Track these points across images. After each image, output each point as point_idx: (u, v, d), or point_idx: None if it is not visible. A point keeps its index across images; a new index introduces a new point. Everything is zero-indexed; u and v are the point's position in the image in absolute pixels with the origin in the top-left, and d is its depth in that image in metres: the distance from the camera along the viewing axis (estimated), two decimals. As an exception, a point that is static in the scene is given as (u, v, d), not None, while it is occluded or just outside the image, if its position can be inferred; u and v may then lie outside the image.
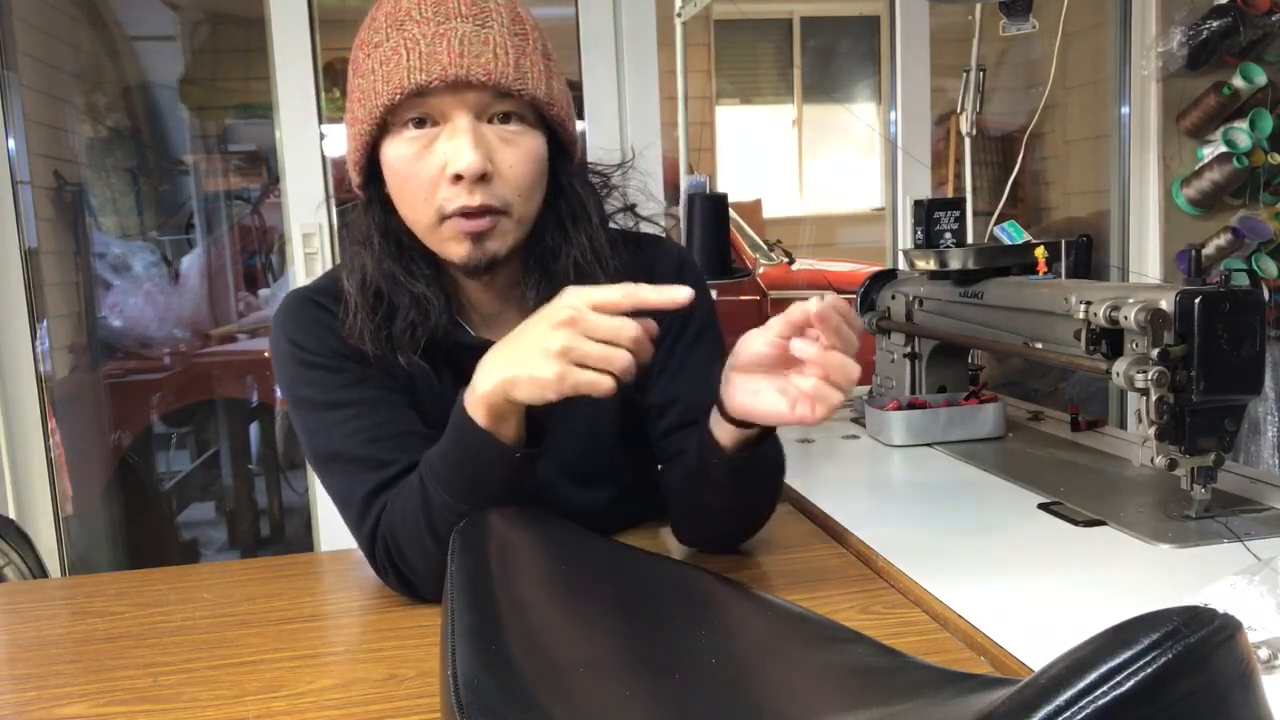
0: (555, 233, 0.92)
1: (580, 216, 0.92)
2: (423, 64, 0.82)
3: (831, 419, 1.51)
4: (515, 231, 0.88)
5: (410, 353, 0.89)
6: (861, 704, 0.48)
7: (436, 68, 0.81)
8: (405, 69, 0.82)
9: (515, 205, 0.87)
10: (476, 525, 0.76)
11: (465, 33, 0.83)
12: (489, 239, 0.86)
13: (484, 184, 0.84)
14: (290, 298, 0.96)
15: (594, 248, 0.92)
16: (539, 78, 0.86)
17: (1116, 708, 0.31)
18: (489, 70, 0.82)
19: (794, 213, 5.35)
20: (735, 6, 2.53)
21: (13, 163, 2.15)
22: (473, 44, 0.83)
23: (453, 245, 0.87)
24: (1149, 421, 0.95)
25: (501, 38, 0.84)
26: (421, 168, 0.84)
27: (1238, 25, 2.40)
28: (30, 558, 1.52)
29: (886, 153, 2.51)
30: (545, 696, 0.49)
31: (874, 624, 0.79)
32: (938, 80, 2.42)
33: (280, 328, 0.94)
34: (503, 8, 0.86)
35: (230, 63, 3.61)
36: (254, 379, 3.19)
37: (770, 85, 5.49)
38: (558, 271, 0.91)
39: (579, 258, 0.91)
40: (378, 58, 0.84)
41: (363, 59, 0.86)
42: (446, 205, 0.84)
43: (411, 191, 0.86)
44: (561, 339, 0.74)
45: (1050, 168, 3.38)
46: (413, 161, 0.85)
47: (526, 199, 0.88)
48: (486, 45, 0.83)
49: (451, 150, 0.83)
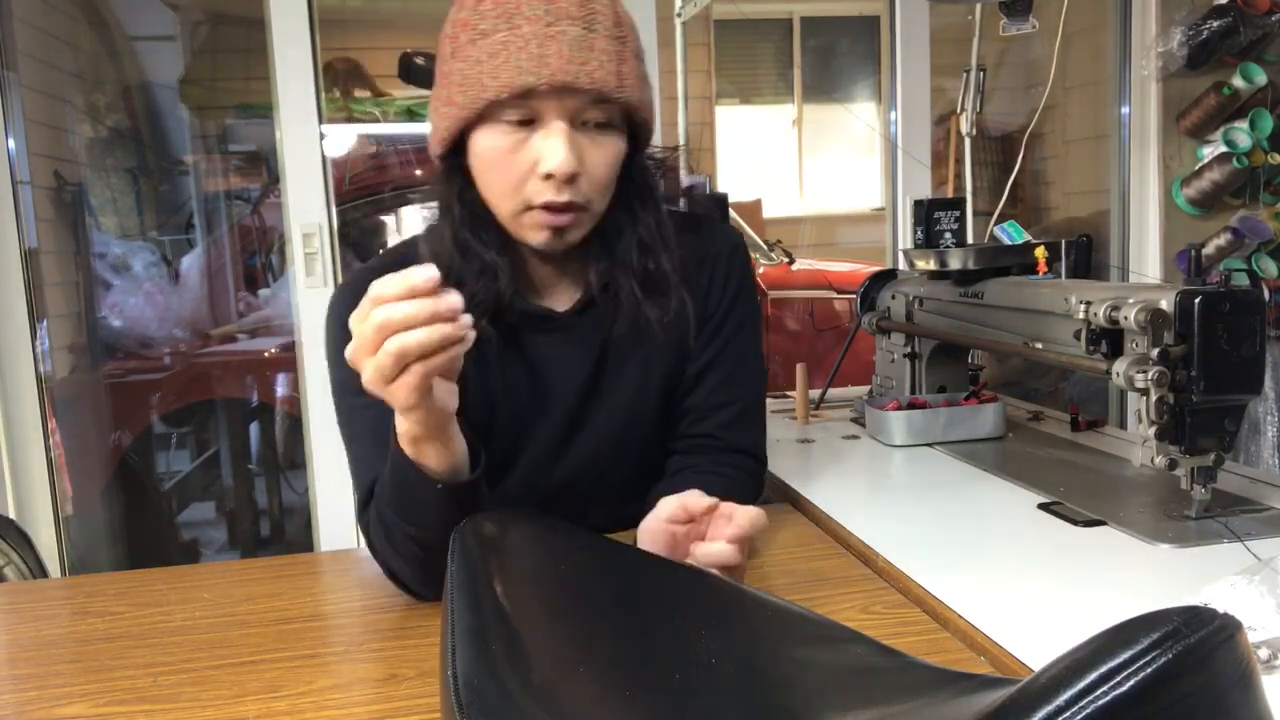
0: (623, 214, 0.96)
1: (646, 199, 0.97)
2: (532, 66, 0.83)
3: (832, 419, 1.52)
4: (590, 223, 0.93)
5: (478, 316, 0.92)
6: (861, 704, 0.48)
7: (546, 72, 0.83)
8: (515, 68, 0.83)
9: (595, 201, 0.91)
10: (476, 525, 0.76)
11: (574, 36, 0.84)
12: (568, 231, 0.91)
13: (571, 183, 0.87)
14: (347, 281, 0.99)
15: (658, 226, 0.96)
16: (635, 84, 0.89)
17: (1116, 708, 0.31)
18: (594, 78, 0.85)
19: (794, 213, 5.35)
20: (735, 6, 2.53)
21: (13, 163, 2.15)
22: (580, 50, 0.84)
23: (532, 233, 0.91)
24: (1149, 421, 0.95)
25: (605, 43, 0.86)
26: (514, 160, 0.87)
27: (1238, 25, 2.40)
28: (30, 558, 1.52)
29: (886, 153, 2.51)
30: (545, 696, 0.49)
31: (874, 624, 0.79)
32: (938, 80, 2.42)
33: (333, 311, 0.97)
34: (607, 9, 0.88)
35: (230, 63, 3.61)
36: (254, 379, 3.18)
37: (770, 85, 5.49)
38: (621, 248, 0.96)
39: (643, 235, 0.95)
40: (485, 48, 0.85)
41: (466, 42, 0.87)
42: (534, 198, 0.88)
43: (500, 180, 0.89)
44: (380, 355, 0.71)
45: (1050, 168, 3.38)
46: (506, 154, 0.87)
47: (604, 195, 0.92)
48: (592, 51, 0.85)
49: (547, 150, 0.86)
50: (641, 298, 0.95)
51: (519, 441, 1.00)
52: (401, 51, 3.21)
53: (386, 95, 3.39)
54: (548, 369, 0.99)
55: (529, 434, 1.00)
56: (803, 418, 1.60)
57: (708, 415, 1.02)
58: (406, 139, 3.34)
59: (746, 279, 1.05)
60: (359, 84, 3.51)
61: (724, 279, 1.03)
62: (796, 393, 1.61)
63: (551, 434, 1.00)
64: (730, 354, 1.03)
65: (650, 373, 1.01)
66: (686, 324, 0.99)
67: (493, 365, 0.98)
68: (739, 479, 1.00)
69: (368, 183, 3.31)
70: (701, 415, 1.03)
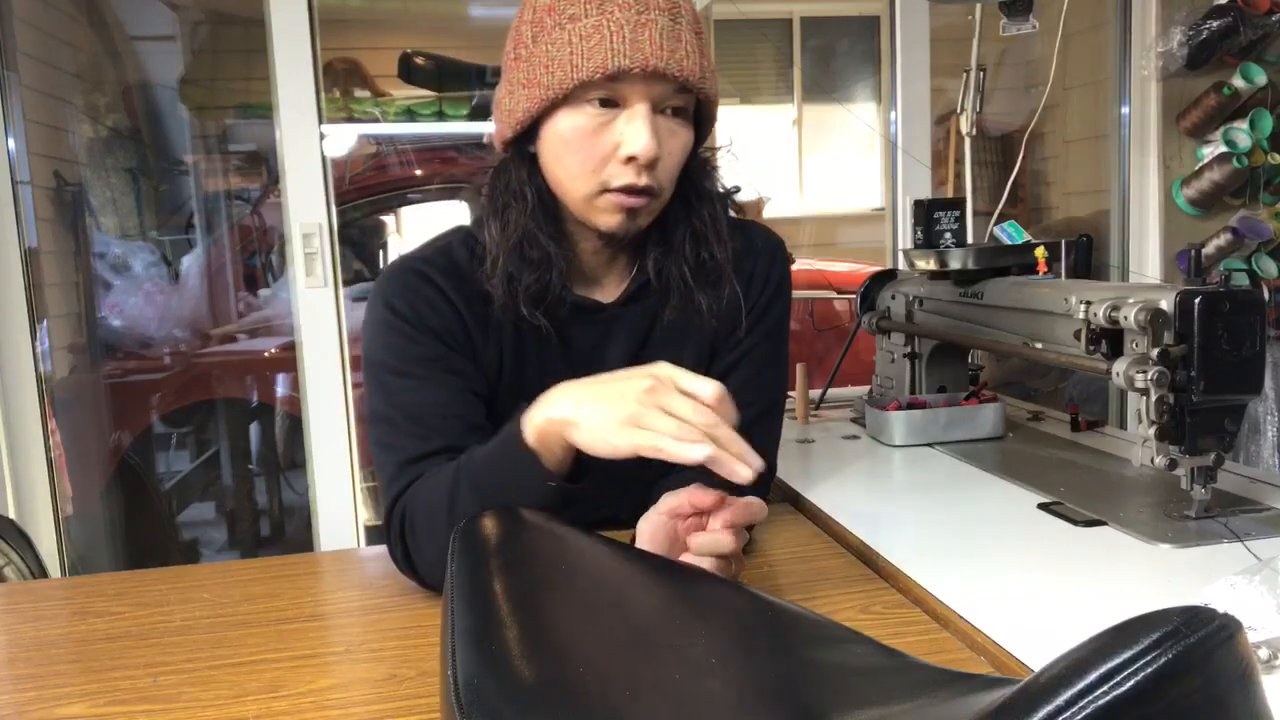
0: (679, 205, 0.97)
1: (703, 193, 0.98)
2: (627, 49, 0.85)
3: (832, 419, 1.52)
4: (659, 209, 0.95)
5: (531, 306, 0.94)
6: (862, 704, 0.48)
7: (640, 55, 0.85)
8: (609, 50, 0.85)
9: (665, 189, 0.93)
10: (476, 525, 0.76)
11: (664, 26, 0.87)
12: (640, 215, 0.93)
13: (651, 168, 0.89)
14: (395, 265, 1.00)
15: (713, 220, 0.98)
16: (711, 77, 0.92)
17: (1116, 708, 0.31)
18: (682, 66, 0.87)
19: (794, 213, 5.34)
20: (735, 6, 2.52)
21: (13, 163, 2.15)
22: (669, 38, 0.87)
23: (605, 216, 0.92)
24: (1149, 421, 0.95)
25: (689, 35, 0.89)
26: (596, 143, 0.89)
27: (1238, 25, 2.40)
28: (30, 558, 1.52)
29: (886, 153, 2.51)
30: (545, 696, 0.49)
31: (874, 624, 0.79)
32: (938, 80, 2.42)
33: (380, 293, 0.97)
34: (689, 4, 0.91)
35: (230, 63, 3.61)
36: (254, 379, 3.18)
37: (770, 85, 5.48)
38: (676, 240, 0.97)
39: (697, 226, 0.97)
40: (576, 31, 0.87)
41: (553, 26, 0.88)
42: (613, 180, 0.90)
43: (580, 162, 0.90)
44: (639, 405, 0.74)
45: (1050, 168, 3.38)
46: (590, 135, 0.89)
47: (672, 183, 0.94)
48: (680, 42, 0.88)
49: (631, 133, 0.88)
50: (694, 285, 0.97)
51: None
52: (401, 51, 3.21)
53: (386, 95, 3.39)
54: (589, 360, 1.00)
55: None
56: (803, 418, 1.60)
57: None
58: (406, 139, 3.34)
59: (785, 283, 1.06)
60: (359, 84, 3.50)
61: (764, 277, 1.04)
62: (796, 393, 1.61)
63: None
64: (757, 356, 1.04)
65: (685, 365, 1.01)
66: (729, 317, 1.00)
67: (532, 355, 0.99)
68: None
69: (368, 183, 3.30)
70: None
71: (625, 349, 1.00)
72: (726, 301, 0.99)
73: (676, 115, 0.91)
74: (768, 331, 1.04)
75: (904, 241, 2.39)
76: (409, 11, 4.29)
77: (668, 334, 1.01)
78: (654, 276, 0.98)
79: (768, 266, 1.04)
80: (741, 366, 1.03)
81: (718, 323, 1.00)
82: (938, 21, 2.37)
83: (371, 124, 3.21)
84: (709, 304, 0.97)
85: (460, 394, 0.94)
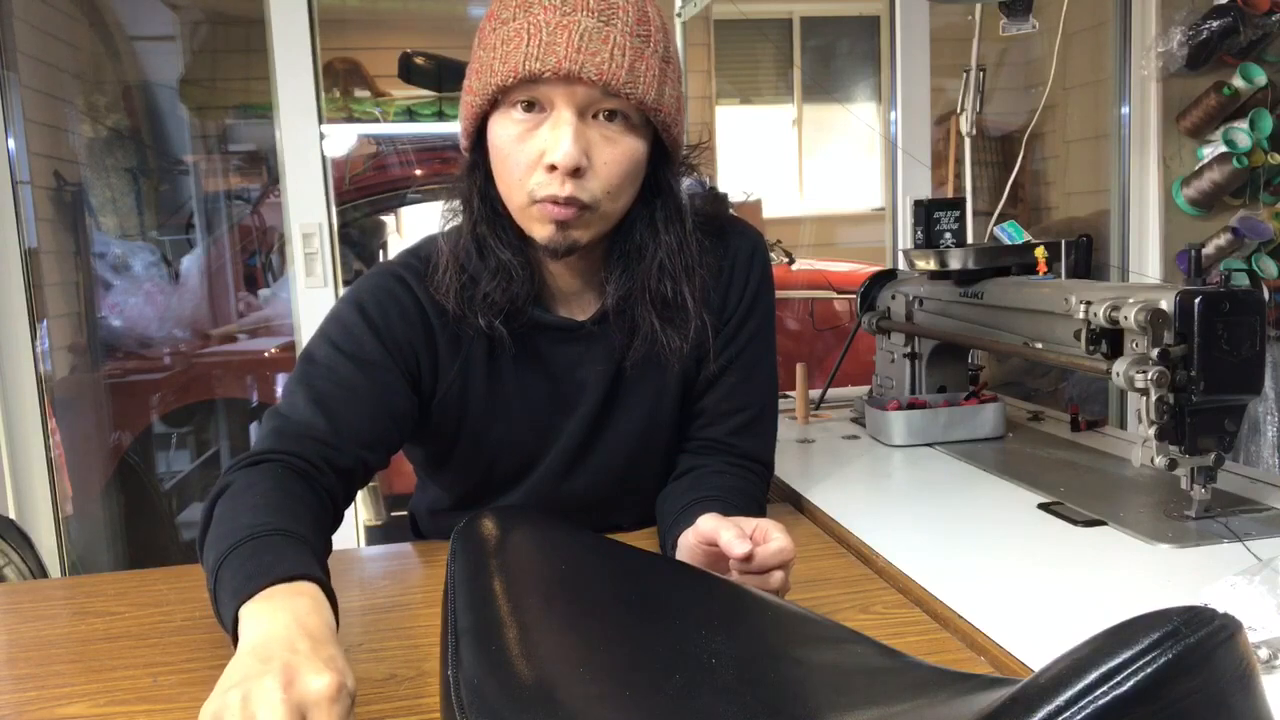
0: (645, 230, 0.94)
1: (673, 218, 0.94)
2: (540, 53, 0.83)
3: (832, 419, 1.52)
4: (599, 225, 0.91)
5: (490, 316, 0.92)
6: (862, 704, 0.48)
7: (552, 59, 0.83)
8: (523, 54, 0.83)
9: (603, 202, 0.88)
10: (476, 525, 0.76)
11: (587, 28, 0.84)
12: (573, 227, 0.88)
13: (576, 178, 0.86)
14: (377, 268, 0.99)
15: (681, 249, 0.94)
16: (651, 82, 0.87)
17: (1116, 708, 0.31)
18: (601, 70, 0.83)
19: (794, 213, 5.34)
20: (735, 6, 2.53)
21: (13, 163, 2.15)
22: (591, 41, 0.84)
23: (538, 226, 0.89)
24: (1149, 421, 0.95)
25: (622, 37, 0.85)
26: (522, 150, 0.87)
27: (1238, 25, 2.40)
28: (30, 558, 1.52)
29: (886, 153, 2.51)
30: (545, 697, 0.49)
31: (874, 624, 0.79)
32: (938, 80, 2.42)
33: (355, 290, 0.97)
34: (630, 5, 0.87)
35: (230, 63, 3.61)
36: (254, 379, 3.18)
37: (770, 85, 5.48)
38: (640, 270, 0.93)
39: (665, 259, 0.93)
40: (501, 35, 0.86)
41: (488, 32, 0.88)
42: (538, 190, 0.87)
43: (509, 170, 0.88)
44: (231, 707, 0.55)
45: (1050, 168, 3.38)
46: (515, 142, 0.87)
47: (614, 197, 0.89)
48: (605, 44, 0.84)
49: (551, 140, 0.85)
50: (659, 327, 0.94)
51: (537, 449, 1.00)
52: (401, 51, 3.21)
53: (386, 95, 3.38)
54: (568, 378, 0.98)
55: (547, 442, 1.00)
56: (803, 418, 1.60)
57: (718, 420, 1.03)
58: (406, 139, 3.33)
59: (765, 284, 1.04)
60: (359, 84, 3.50)
61: (742, 286, 1.02)
62: (796, 393, 1.61)
63: (570, 442, 0.99)
64: (744, 361, 1.02)
65: (668, 382, 1.01)
66: (705, 339, 0.98)
67: (507, 371, 0.97)
68: (746, 480, 1.01)
69: (368, 183, 3.30)
70: (712, 420, 1.03)
71: (604, 368, 0.98)
72: (705, 329, 0.96)
73: (615, 121, 0.87)
74: (752, 335, 1.03)
75: (904, 241, 2.39)
76: (409, 11, 4.29)
77: (649, 350, 0.97)
78: (613, 312, 0.95)
79: (746, 270, 1.02)
80: (730, 373, 1.02)
81: (701, 340, 0.97)
82: (938, 21, 2.37)
83: (371, 124, 3.21)
84: (677, 345, 0.94)
85: (379, 408, 0.91)
